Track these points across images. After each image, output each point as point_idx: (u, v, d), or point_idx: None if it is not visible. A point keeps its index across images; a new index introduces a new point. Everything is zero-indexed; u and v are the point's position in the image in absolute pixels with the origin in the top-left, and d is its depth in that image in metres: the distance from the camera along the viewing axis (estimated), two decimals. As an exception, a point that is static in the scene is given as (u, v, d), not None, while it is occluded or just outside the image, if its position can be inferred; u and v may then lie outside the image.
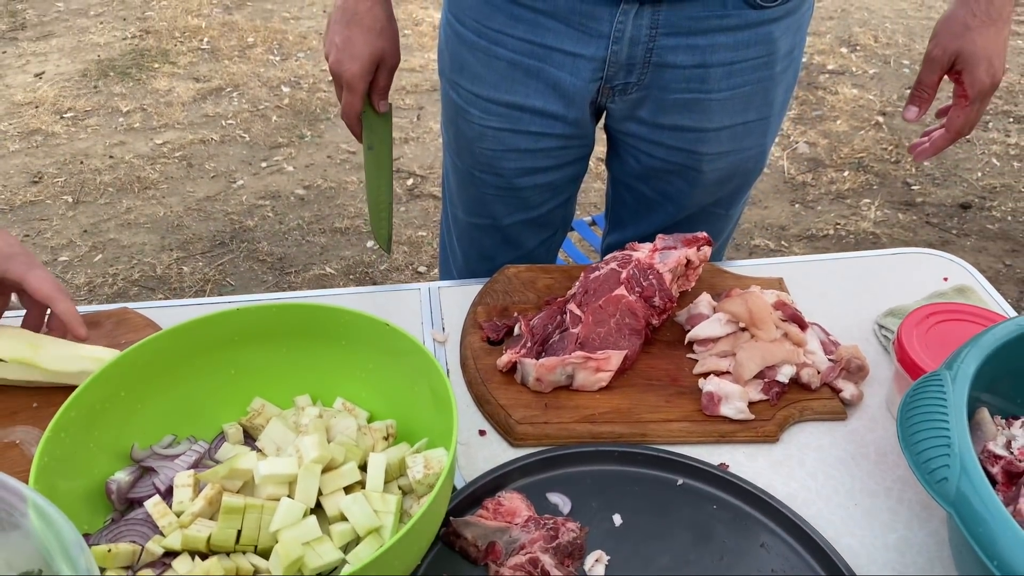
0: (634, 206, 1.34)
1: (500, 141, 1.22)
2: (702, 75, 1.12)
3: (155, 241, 2.80)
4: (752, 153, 1.23)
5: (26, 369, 0.93)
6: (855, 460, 0.93)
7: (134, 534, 0.75)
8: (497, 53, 1.15)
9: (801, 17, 1.15)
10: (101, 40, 4.12)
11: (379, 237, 1.29)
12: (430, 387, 0.82)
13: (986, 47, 1.07)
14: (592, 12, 1.07)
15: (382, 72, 1.16)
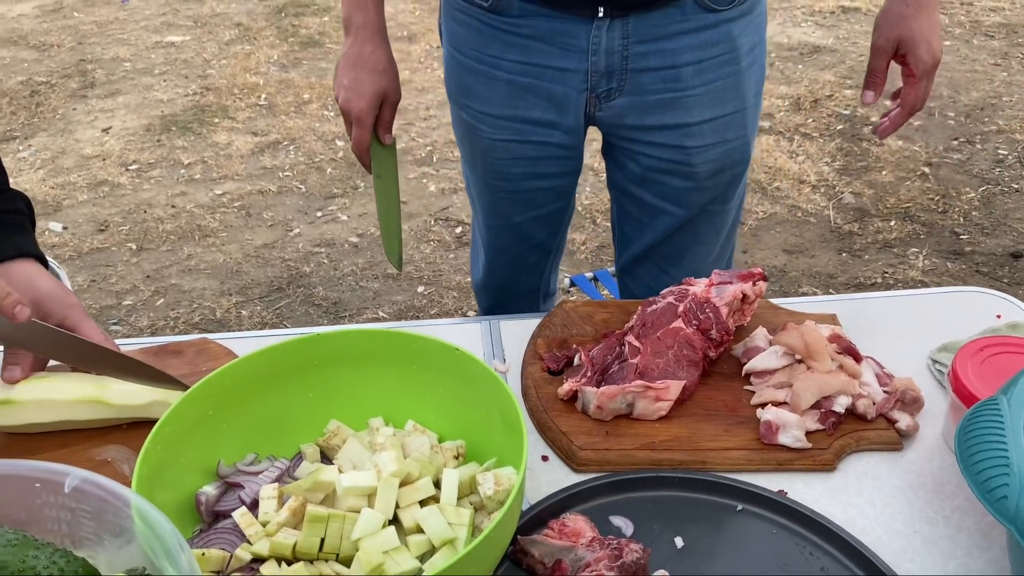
0: (638, 215, 1.45)
1: (508, 151, 1.38)
2: (675, 75, 1.26)
3: (215, 286, 2.90)
4: (737, 144, 1.36)
5: (95, 407, 0.96)
6: (913, 489, 0.94)
7: (223, 542, 0.79)
8: (496, 75, 1.31)
9: (757, 17, 1.30)
10: (164, 97, 4.31)
11: (391, 257, 1.45)
12: (499, 410, 0.86)
13: (922, 31, 1.23)
14: (570, 31, 1.23)
15: (386, 108, 1.33)
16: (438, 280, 2.94)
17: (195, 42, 5.01)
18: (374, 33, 1.30)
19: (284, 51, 4.85)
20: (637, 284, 1.55)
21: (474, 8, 1.29)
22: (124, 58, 4.79)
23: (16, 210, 1.07)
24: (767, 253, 3.04)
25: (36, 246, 1.06)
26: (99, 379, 0.98)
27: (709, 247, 1.48)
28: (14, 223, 1.06)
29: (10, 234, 1.04)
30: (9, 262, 1.01)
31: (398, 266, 1.49)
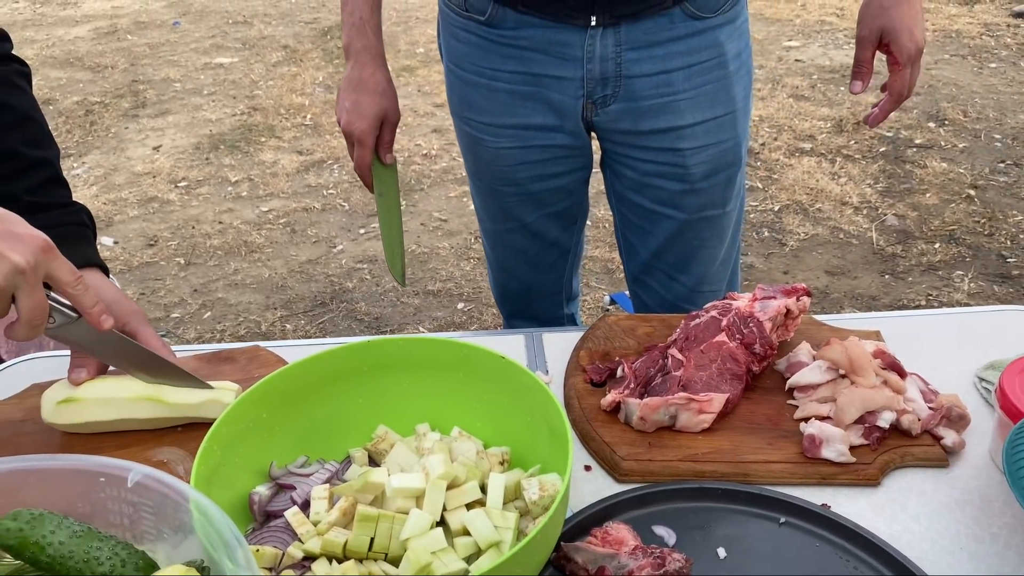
0: (639, 223, 1.49)
1: (513, 157, 1.42)
2: (666, 80, 1.31)
3: (260, 300, 2.96)
4: (729, 146, 1.40)
5: (152, 406, 0.99)
6: (959, 506, 0.93)
7: (275, 540, 0.82)
8: (496, 87, 1.36)
9: (741, 25, 1.36)
10: (213, 116, 4.42)
11: (394, 271, 1.51)
12: (544, 418, 0.87)
13: (903, 20, 1.26)
14: (565, 40, 1.29)
15: (386, 128, 1.38)
16: (478, 297, 2.96)
17: (243, 63, 5.13)
18: (373, 57, 1.35)
19: (329, 72, 4.95)
20: (649, 293, 1.58)
21: (471, 23, 1.35)
22: (175, 79, 4.93)
23: (81, 223, 1.12)
24: (809, 274, 3.02)
25: (99, 256, 1.11)
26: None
27: (714, 252, 1.51)
28: (80, 235, 1.11)
29: (77, 245, 1.09)
30: (91, 269, 1.07)
31: (401, 281, 1.54)
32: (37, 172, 1.11)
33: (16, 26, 5.78)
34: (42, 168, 1.12)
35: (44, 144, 1.14)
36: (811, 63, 4.85)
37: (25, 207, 1.06)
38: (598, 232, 3.25)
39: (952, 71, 4.67)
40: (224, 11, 6.09)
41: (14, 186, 1.09)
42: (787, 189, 3.54)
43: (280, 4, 6.24)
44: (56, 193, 1.12)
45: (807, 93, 4.45)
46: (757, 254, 3.13)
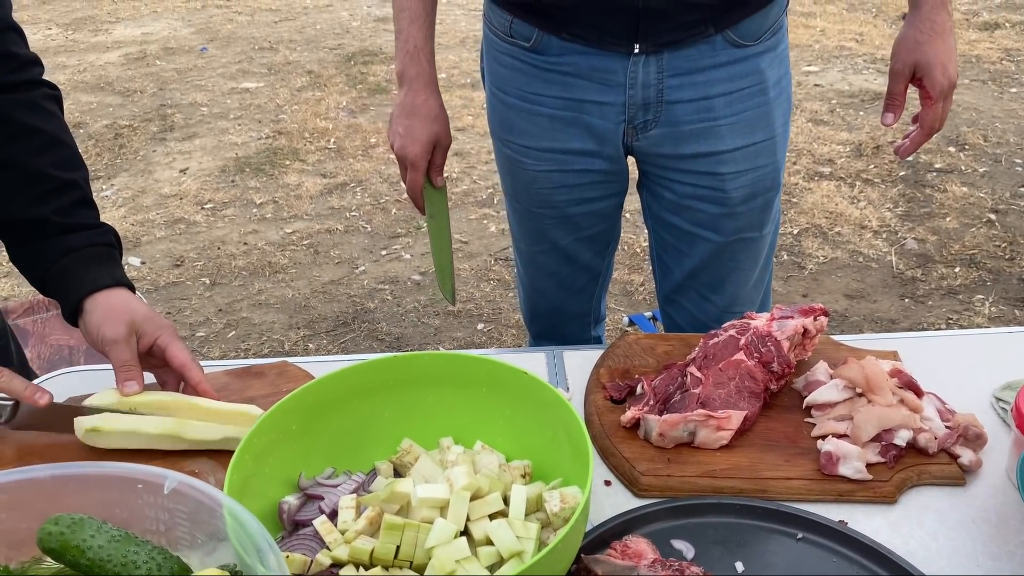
0: (675, 244, 1.51)
1: (551, 180, 1.45)
2: (707, 106, 1.34)
3: (283, 320, 3.00)
4: (767, 171, 1.42)
5: (174, 441, 1.03)
6: (976, 524, 0.94)
7: (304, 548, 0.84)
8: (538, 111, 1.39)
9: (781, 52, 1.39)
10: (239, 140, 4.50)
11: (444, 290, 1.54)
12: (566, 432, 0.89)
13: (937, 55, 1.29)
14: (608, 67, 1.31)
15: (438, 152, 1.42)
16: (497, 318, 2.99)
17: (268, 88, 5.23)
18: (426, 84, 1.39)
19: (352, 97, 5.03)
20: (680, 313, 1.60)
21: (516, 49, 1.38)
22: (202, 103, 5.03)
23: (110, 243, 1.15)
24: (828, 298, 3.03)
25: (125, 275, 1.15)
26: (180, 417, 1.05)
27: (747, 273, 1.53)
28: (108, 255, 1.14)
29: (107, 265, 1.13)
30: (108, 290, 1.09)
31: (451, 300, 1.58)
32: (66, 194, 1.13)
33: (49, 52, 5.92)
34: (71, 190, 1.14)
35: (73, 166, 1.16)
36: (830, 88, 4.87)
37: (55, 229, 1.11)
38: (618, 255, 3.27)
39: (972, 96, 4.67)
40: (250, 37, 6.21)
41: (44, 207, 1.11)
42: (806, 213, 3.55)
43: (305, 31, 6.36)
44: (85, 214, 1.14)
45: (826, 118, 4.47)
46: (777, 277, 3.14)
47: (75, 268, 1.10)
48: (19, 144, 1.12)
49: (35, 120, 1.14)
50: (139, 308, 1.10)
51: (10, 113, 1.12)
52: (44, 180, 1.12)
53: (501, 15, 1.39)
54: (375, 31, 6.27)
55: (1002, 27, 5.76)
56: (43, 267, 1.11)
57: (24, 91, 1.14)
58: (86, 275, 1.09)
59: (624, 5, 1.24)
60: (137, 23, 6.63)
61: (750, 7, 1.30)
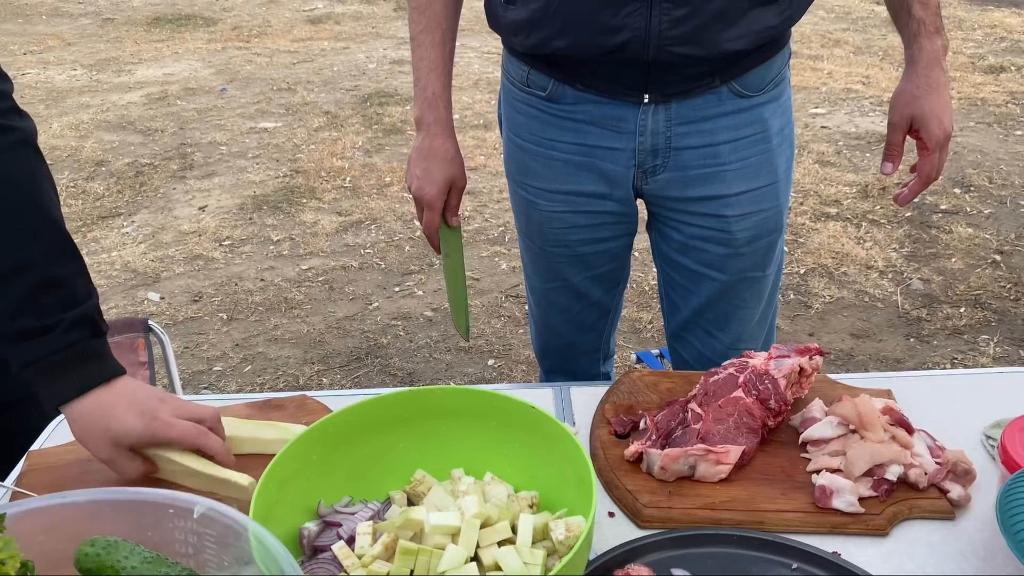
0: (683, 283, 1.56)
1: (565, 221, 1.52)
2: (713, 152, 1.41)
3: (299, 355, 3.06)
4: (771, 213, 1.49)
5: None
6: (964, 557, 0.98)
7: (323, 571, 0.89)
8: (553, 156, 1.47)
9: (784, 102, 1.47)
10: (257, 178, 4.61)
11: (459, 327, 1.60)
12: (571, 465, 0.94)
13: (932, 109, 1.36)
14: (620, 115, 1.39)
15: (453, 194, 1.49)
16: (508, 354, 3.04)
17: (286, 128, 5.35)
18: (443, 129, 1.47)
19: (368, 137, 5.14)
20: (687, 349, 1.65)
21: (533, 98, 1.46)
22: (221, 142, 5.15)
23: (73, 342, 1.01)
24: (834, 337, 3.07)
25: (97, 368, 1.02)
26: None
27: (752, 311, 1.58)
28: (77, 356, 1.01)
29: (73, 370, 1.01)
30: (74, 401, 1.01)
31: (466, 337, 1.64)
32: (15, 285, 0.97)
33: (73, 92, 6.09)
34: (19, 278, 0.97)
35: (27, 238, 0.98)
36: (837, 130, 4.95)
37: (7, 337, 0.99)
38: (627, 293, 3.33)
39: (977, 138, 4.74)
40: (269, 78, 6.36)
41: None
42: (813, 253, 3.60)
43: (322, 72, 6.51)
44: (42, 308, 0.98)
45: (833, 159, 4.54)
46: (783, 316, 3.18)
47: (38, 381, 1.00)
48: None
49: None
50: (114, 419, 1.00)
51: None
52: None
53: (519, 66, 1.46)
54: (391, 73, 6.42)
55: (1007, 71, 5.84)
56: (14, 371, 1.00)
57: None
58: (49, 390, 1.00)
59: (634, 59, 1.31)
60: (159, 64, 6.80)
61: (754, 60, 1.37)
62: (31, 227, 0.99)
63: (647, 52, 1.29)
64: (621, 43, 1.29)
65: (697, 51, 1.30)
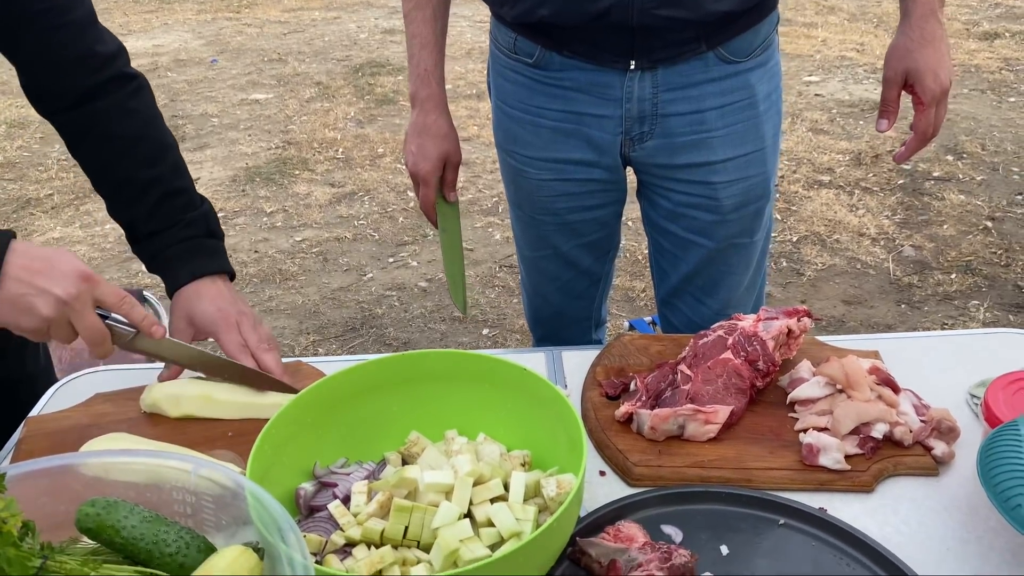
0: (672, 250, 1.57)
1: (553, 189, 1.52)
2: (699, 119, 1.41)
3: (294, 326, 3.08)
4: (757, 180, 1.49)
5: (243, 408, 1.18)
6: (948, 511, 1.01)
7: (320, 529, 0.91)
8: (541, 123, 1.47)
9: (772, 68, 1.45)
10: (249, 150, 4.59)
11: (457, 302, 1.61)
12: (562, 424, 0.96)
13: (928, 63, 1.33)
14: (607, 82, 1.39)
15: (449, 169, 1.51)
16: (502, 323, 3.06)
17: (278, 99, 5.32)
18: (436, 105, 1.48)
19: (360, 108, 5.11)
20: (677, 315, 1.66)
21: (520, 65, 1.46)
22: (212, 114, 5.12)
23: (188, 237, 1.23)
24: (825, 303, 3.09)
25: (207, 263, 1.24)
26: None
27: (740, 277, 1.59)
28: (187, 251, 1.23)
29: (186, 261, 1.23)
30: (184, 287, 1.22)
31: (463, 310, 1.66)
32: (148, 195, 1.21)
33: (62, 64, 6.03)
34: (152, 188, 1.21)
35: (153, 160, 1.22)
36: (831, 97, 4.94)
37: (141, 233, 1.23)
38: (619, 262, 3.34)
39: (971, 105, 4.73)
40: (260, 49, 6.31)
41: (128, 213, 1.22)
42: (805, 221, 3.61)
43: (313, 42, 6.46)
44: (166, 212, 1.22)
45: (826, 127, 4.53)
46: (775, 284, 3.20)
47: (159, 269, 1.24)
48: (104, 153, 1.21)
49: (117, 126, 1.20)
50: (199, 306, 1.20)
51: (93, 123, 1.20)
52: (128, 184, 1.21)
53: (506, 33, 1.46)
54: (382, 43, 6.37)
55: (1001, 37, 5.82)
56: (147, 267, 1.27)
57: (104, 96, 1.20)
58: (166, 278, 1.23)
59: (619, 24, 1.31)
60: (148, 35, 6.74)
61: (740, 26, 1.37)
62: (158, 150, 1.23)
63: (631, 16, 1.29)
64: (605, 8, 1.29)
65: (681, 13, 1.29)
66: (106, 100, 1.19)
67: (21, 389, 1.29)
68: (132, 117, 1.22)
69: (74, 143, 1.23)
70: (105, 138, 1.20)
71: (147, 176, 1.21)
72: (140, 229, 1.23)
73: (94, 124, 1.20)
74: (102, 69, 1.19)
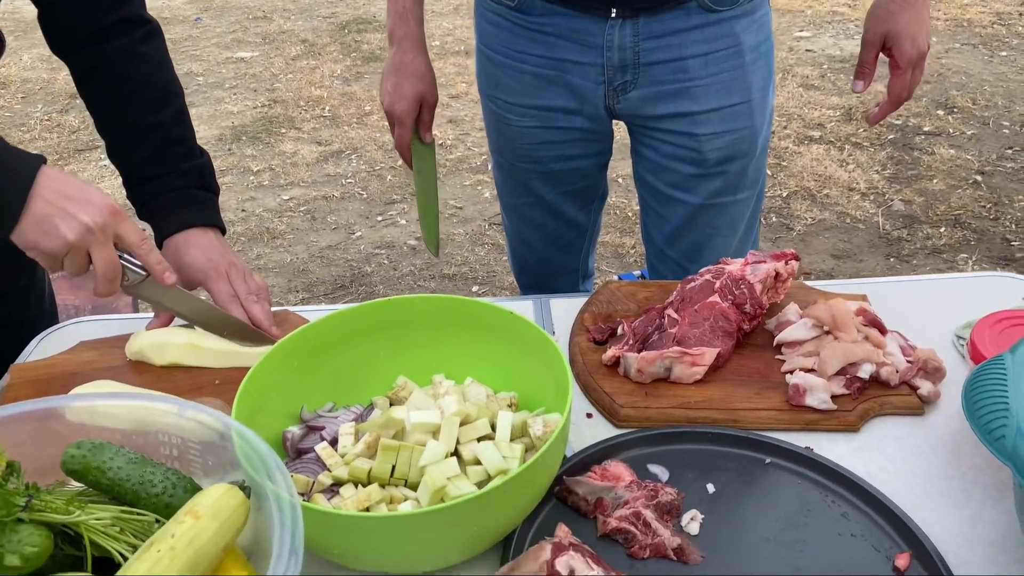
0: (655, 207, 1.57)
1: (535, 136, 1.51)
2: (682, 66, 1.39)
3: (283, 284, 3.06)
4: (744, 134, 1.46)
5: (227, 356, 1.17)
6: (932, 450, 1.01)
7: (307, 470, 0.91)
8: (523, 69, 1.45)
9: (760, 19, 1.42)
10: (235, 109, 4.53)
11: (428, 243, 1.61)
12: (548, 366, 0.96)
13: (908, 26, 1.32)
14: (587, 29, 1.37)
15: (425, 109, 1.49)
16: (492, 280, 3.06)
17: (263, 58, 5.24)
18: (414, 44, 1.46)
19: (347, 66, 5.05)
20: None
21: (502, 7, 1.44)
22: (197, 73, 5.04)
23: (184, 187, 1.23)
24: (815, 258, 3.09)
25: (200, 217, 1.23)
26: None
27: (727, 240, 1.58)
28: (180, 199, 1.23)
29: (177, 210, 1.22)
30: (173, 236, 1.21)
31: (435, 252, 1.65)
32: (149, 139, 1.21)
33: (42, 23, 5.92)
34: (154, 133, 1.21)
35: (158, 106, 1.22)
36: (821, 53, 4.90)
37: (138, 177, 1.23)
38: (609, 219, 3.33)
39: (962, 60, 4.70)
40: (244, 7, 6.20)
41: (128, 156, 1.22)
42: (795, 176, 3.60)
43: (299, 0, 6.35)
44: (164, 159, 1.21)
45: (817, 83, 4.50)
46: (765, 239, 3.20)
47: (150, 216, 1.24)
48: (109, 95, 1.21)
49: (125, 68, 1.20)
50: (188, 255, 1.20)
51: (102, 63, 1.20)
52: (130, 129, 1.22)
53: None
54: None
55: (994, -9, 5.76)
56: (137, 213, 1.26)
57: (116, 36, 1.20)
58: (157, 224, 1.23)
59: None
60: (130, -7, 6.60)
61: None
62: (163, 97, 1.23)
63: None
64: None
65: None
66: (118, 41, 1.20)
67: (23, 330, 1.29)
68: (141, 61, 1.22)
69: (82, 82, 1.23)
70: (113, 80, 1.20)
71: (149, 121, 1.21)
72: (135, 174, 1.23)
73: (104, 64, 1.20)
74: (118, 7, 1.20)
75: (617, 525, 0.90)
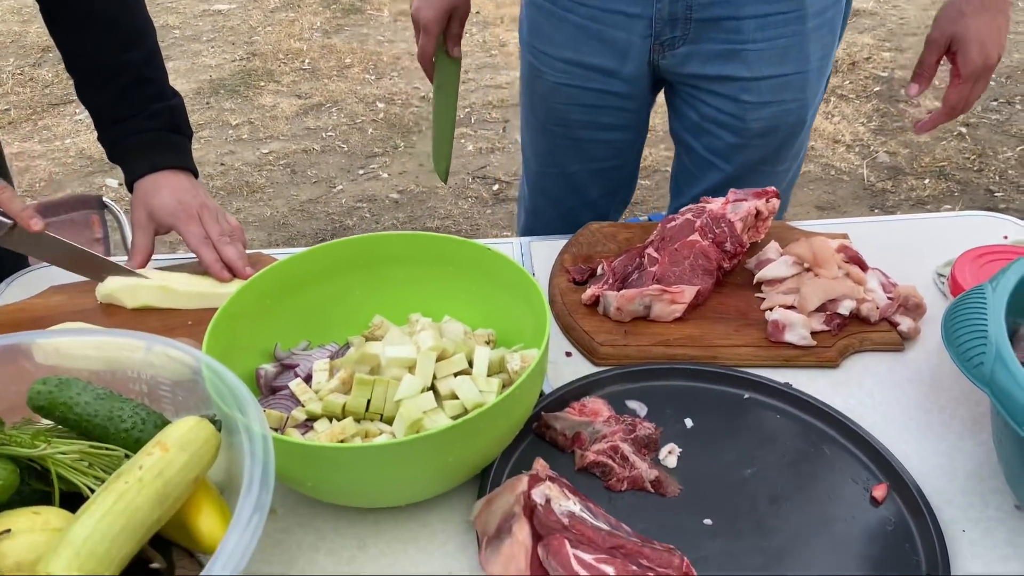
0: (690, 167, 1.48)
1: (568, 96, 1.42)
2: (736, 26, 1.27)
3: (263, 237, 3.03)
4: (792, 107, 1.35)
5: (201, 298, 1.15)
6: (911, 384, 1.01)
7: (281, 406, 0.90)
8: (567, 18, 1.36)
9: None
10: (213, 62, 4.45)
11: (438, 167, 1.54)
12: (526, 302, 0.94)
13: (979, 31, 1.19)
14: None
15: (455, 20, 1.40)
16: (475, 234, 3.03)
17: (241, 10, 5.13)
18: None
19: (327, 18, 4.95)
20: None
21: None
22: (173, 26, 4.94)
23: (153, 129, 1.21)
24: (799, 209, 3.08)
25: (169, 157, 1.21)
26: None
27: None
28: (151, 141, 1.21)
29: (146, 153, 1.20)
30: (142, 178, 1.19)
31: (443, 178, 1.57)
32: (117, 80, 1.18)
33: (13, -25, 5.76)
34: (123, 74, 1.18)
35: (127, 46, 1.19)
36: (809, 5, 4.85)
37: (107, 118, 1.21)
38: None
39: (950, 12, 4.66)
40: (221, -42, 6.06)
41: (100, 98, 1.20)
42: (781, 128, 3.58)
43: (277, -49, 6.21)
44: (133, 100, 1.19)
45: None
46: (749, 191, 3.19)
47: (120, 158, 1.22)
48: (78, 32, 1.19)
49: (95, 5, 1.17)
50: (158, 197, 1.18)
51: (70, 4, 1.17)
52: (98, 69, 1.19)
53: None
54: (349, -49, 6.13)
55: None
56: (108, 155, 1.24)
57: None
58: (126, 166, 1.21)
59: None
60: (103, -56, 6.44)
61: None
62: (133, 37, 1.20)
63: None
64: None
65: None
66: None
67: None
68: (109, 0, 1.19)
69: (53, 19, 1.20)
70: (83, 17, 1.17)
71: (118, 61, 1.18)
72: (105, 115, 1.21)
73: (71, 3, 1.17)
74: None
75: (595, 458, 0.89)
